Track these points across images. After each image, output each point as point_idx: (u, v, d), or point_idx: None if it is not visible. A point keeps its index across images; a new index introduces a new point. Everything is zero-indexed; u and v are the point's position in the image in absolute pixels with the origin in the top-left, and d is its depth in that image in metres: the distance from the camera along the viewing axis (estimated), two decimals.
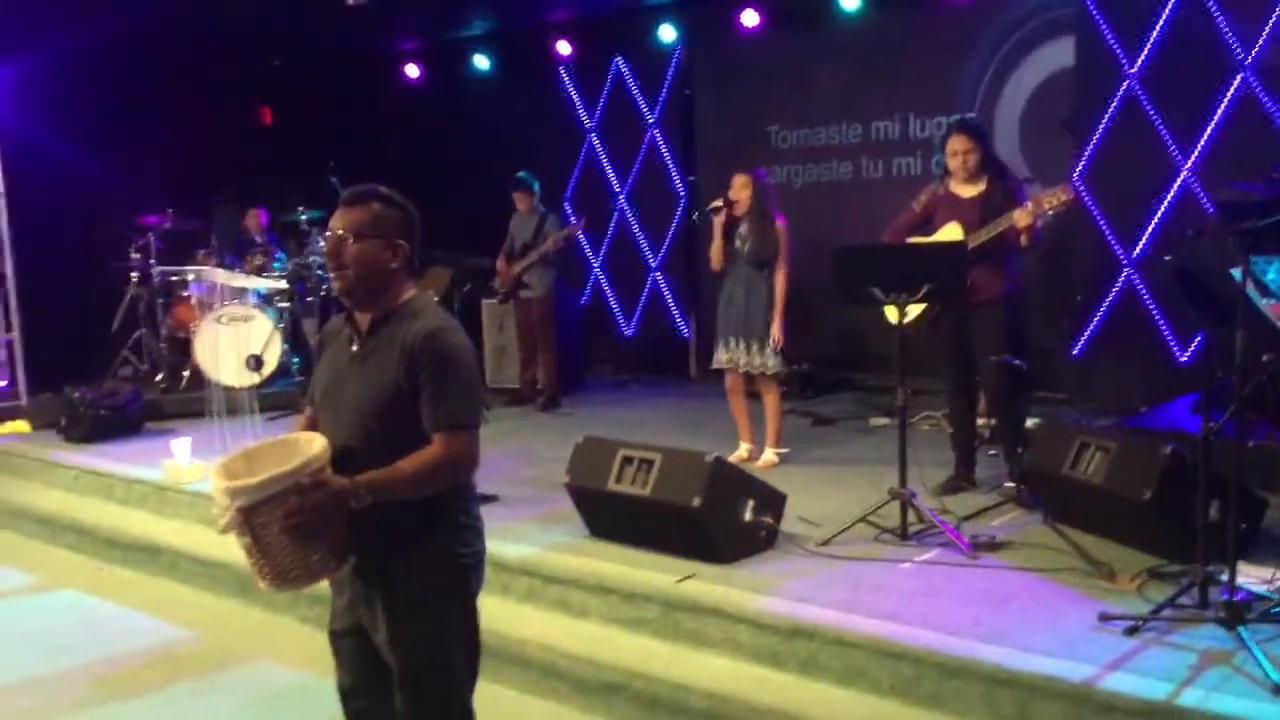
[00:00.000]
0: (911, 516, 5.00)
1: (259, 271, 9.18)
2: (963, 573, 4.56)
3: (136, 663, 5.00)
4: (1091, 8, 7.54)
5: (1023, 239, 5.34)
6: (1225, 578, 3.86)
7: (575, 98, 10.45)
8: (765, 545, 4.91)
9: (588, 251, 10.47)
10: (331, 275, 2.82)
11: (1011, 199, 5.44)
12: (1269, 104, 6.93)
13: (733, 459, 5.99)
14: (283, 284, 9.06)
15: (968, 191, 5.58)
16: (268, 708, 4.52)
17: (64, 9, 8.14)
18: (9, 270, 9.09)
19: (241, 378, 8.10)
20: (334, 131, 10.78)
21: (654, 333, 10.27)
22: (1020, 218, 5.27)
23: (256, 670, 4.90)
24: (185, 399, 8.71)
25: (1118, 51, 7.49)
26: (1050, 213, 5.25)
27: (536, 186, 8.72)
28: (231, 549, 4.87)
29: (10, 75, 9.17)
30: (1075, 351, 7.82)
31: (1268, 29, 6.90)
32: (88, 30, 8.61)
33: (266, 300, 8.99)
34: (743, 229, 6.39)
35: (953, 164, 5.58)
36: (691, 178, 9.84)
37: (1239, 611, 3.77)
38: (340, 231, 2.78)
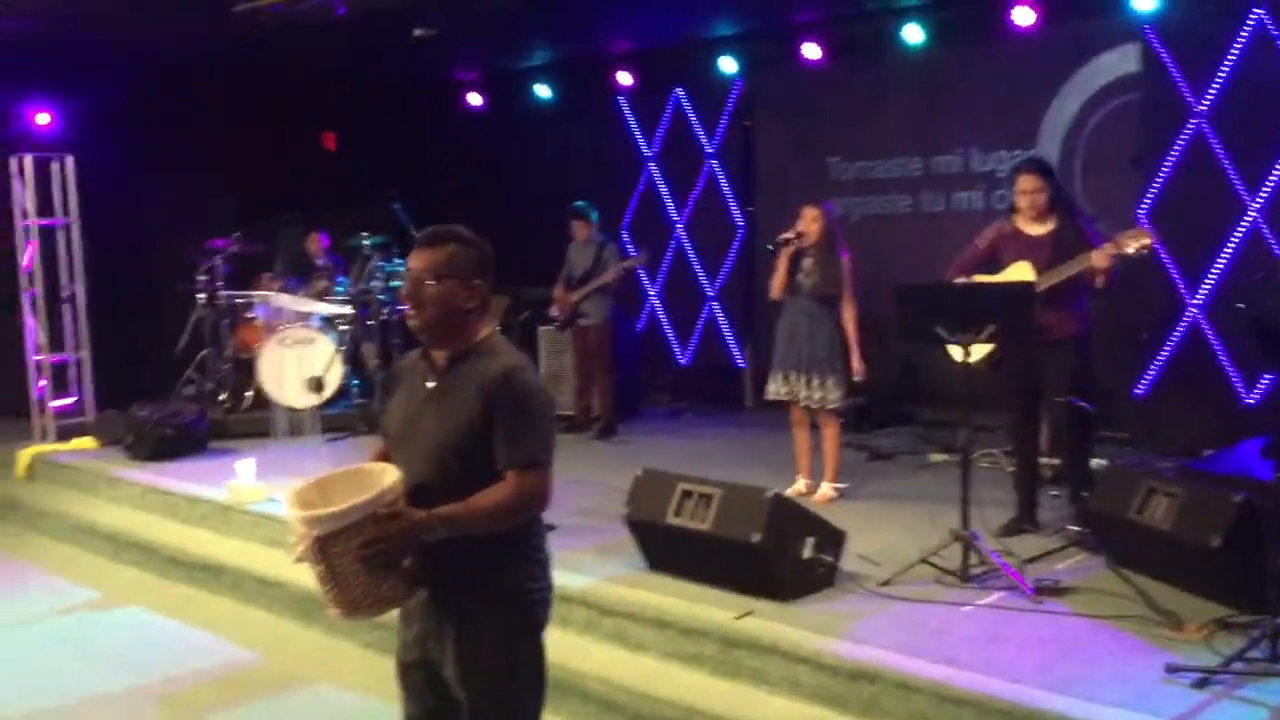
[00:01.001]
0: (973, 558, 4.95)
1: (322, 295, 9.32)
2: (1026, 618, 4.51)
3: (200, 682, 5.09)
4: (1157, 45, 7.48)
5: (1099, 280, 5.28)
6: None
7: (635, 127, 10.53)
8: (824, 583, 4.89)
9: (644, 280, 10.52)
10: (410, 314, 2.87)
11: (1085, 239, 5.38)
12: None
13: (789, 493, 5.97)
14: (345, 308, 9.19)
15: (1036, 230, 5.54)
16: None
17: (136, 38, 8.35)
18: (80, 290, 9.30)
19: (303, 399, 8.22)
20: (396, 158, 10.93)
21: (709, 362, 10.28)
22: (1099, 259, 5.21)
23: (318, 694, 4.96)
24: (248, 419, 8.87)
25: (1184, 89, 7.42)
26: (1133, 254, 5.19)
27: (595, 216, 8.78)
28: (293, 570, 4.96)
29: (85, 103, 9.42)
30: (1139, 392, 7.72)
31: None
32: (158, 58, 8.83)
33: (328, 323, 9.12)
34: (807, 262, 6.39)
35: (1021, 202, 5.55)
36: (749, 208, 9.86)
37: None
38: (419, 272, 2.83)
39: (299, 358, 8.39)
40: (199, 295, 9.61)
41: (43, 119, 9.53)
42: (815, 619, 4.53)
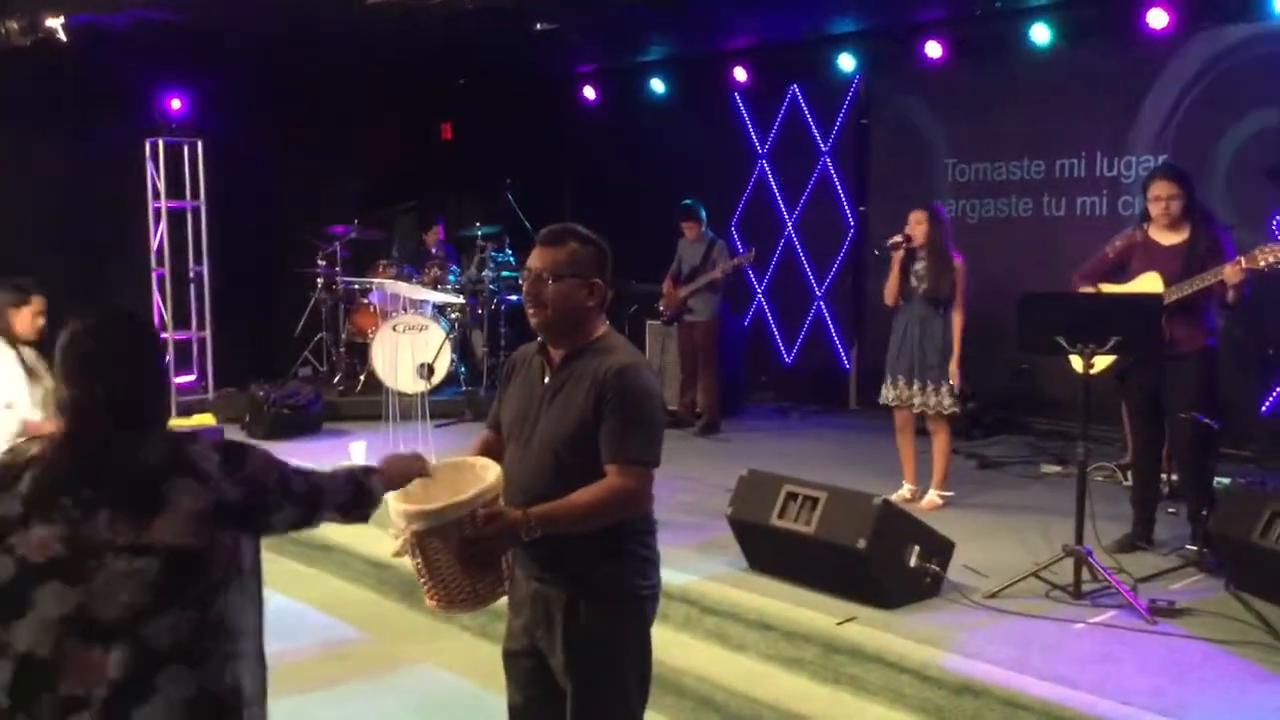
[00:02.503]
0: (1085, 575, 4.82)
1: (435, 283, 9.50)
2: (1140, 638, 4.38)
3: (312, 655, 5.22)
4: None
5: (1230, 295, 5.09)
6: None
7: (749, 124, 10.48)
8: (930, 593, 4.82)
9: (752, 278, 10.48)
10: (530, 313, 2.90)
11: (1219, 250, 5.19)
12: None
13: (894, 498, 5.89)
14: (457, 297, 9.36)
15: (1169, 239, 5.35)
16: (434, 712, 4.66)
17: (267, 28, 8.59)
18: (205, 271, 9.63)
19: (414, 384, 8.39)
20: (511, 150, 11.07)
21: (814, 362, 10.19)
22: (1231, 274, 5.02)
23: (421, 674, 5.06)
24: (360, 401, 9.10)
25: None
26: (1266, 269, 4.98)
27: (703, 214, 8.78)
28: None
29: (214, 86, 9.72)
30: (1265, 409, 7.42)
31: None
32: (286, 47, 9.07)
33: (439, 311, 9.29)
34: (919, 266, 6.29)
35: (1154, 209, 5.36)
36: (862, 208, 9.75)
37: None
38: (539, 271, 2.86)
39: (411, 344, 8.58)
40: (318, 279, 9.88)
41: (176, 104, 9.87)
42: (919, 629, 4.47)
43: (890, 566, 4.71)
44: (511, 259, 9.87)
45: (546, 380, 2.91)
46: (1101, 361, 5.00)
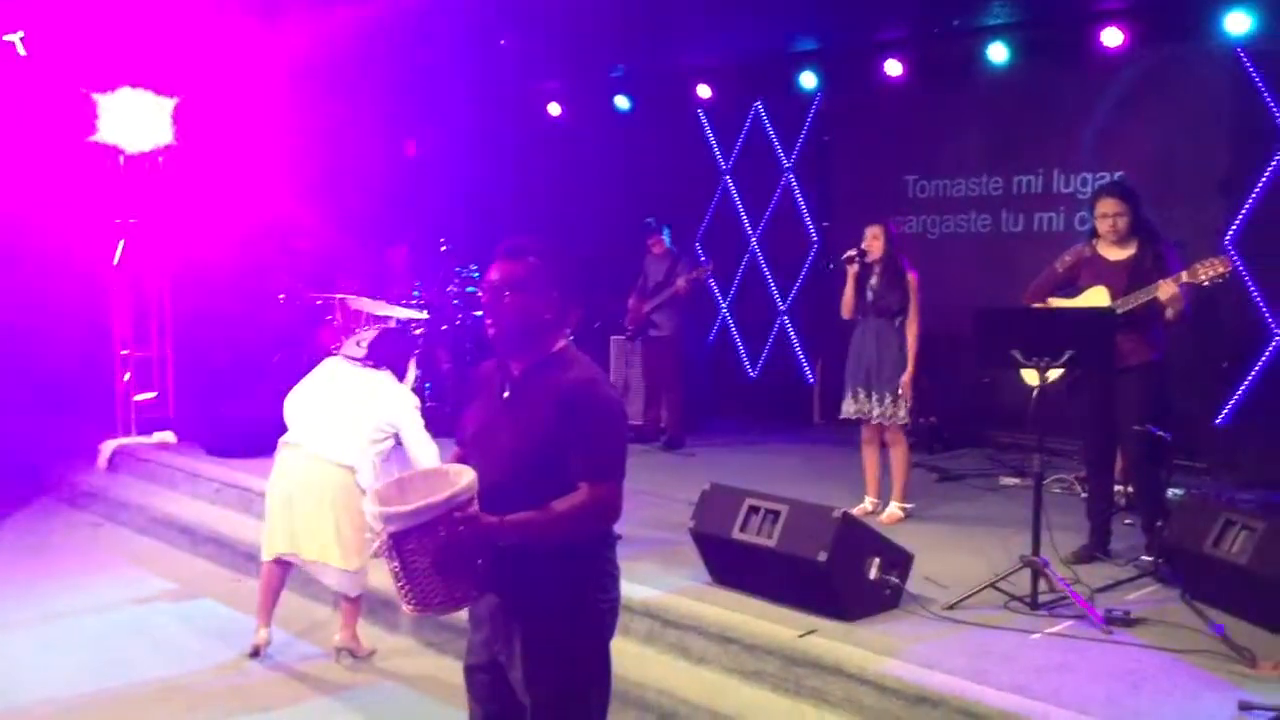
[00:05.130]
0: (1042, 585, 4.88)
1: (399, 299, 9.46)
2: (1095, 648, 4.43)
3: (268, 676, 5.19)
4: (1248, 64, 7.32)
5: (1168, 312, 5.19)
6: None
7: (713, 140, 10.55)
8: (890, 604, 4.86)
9: (716, 293, 10.53)
10: (488, 325, 2.92)
11: (1163, 266, 5.29)
12: None
13: (856, 511, 5.94)
14: (422, 313, 9.33)
15: (1116, 255, 5.46)
16: None
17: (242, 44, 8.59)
18: (167, 288, 9.56)
19: None
20: (476, 165, 11.07)
21: (778, 377, 10.24)
22: (1165, 290, 5.13)
23: (382, 691, 5.04)
24: None
25: (1276, 113, 7.25)
26: (1207, 284, 5.09)
27: (667, 232, 8.84)
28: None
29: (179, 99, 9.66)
30: (1219, 421, 7.54)
31: None
32: (260, 65, 9.06)
33: (404, 327, 9.24)
34: (875, 280, 6.37)
35: (1101, 226, 5.47)
36: (825, 224, 9.83)
37: None
38: (497, 284, 2.88)
39: None
40: (280, 295, 9.82)
41: None
42: (879, 640, 4.50)
43: (851, 579, 4.75)
44: (476, 275, 9.86)
45: (506, 395, 2.92)
46: (1054, 373, 5.07)
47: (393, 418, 5.17)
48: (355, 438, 5.11)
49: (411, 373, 8.42)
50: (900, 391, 6.27)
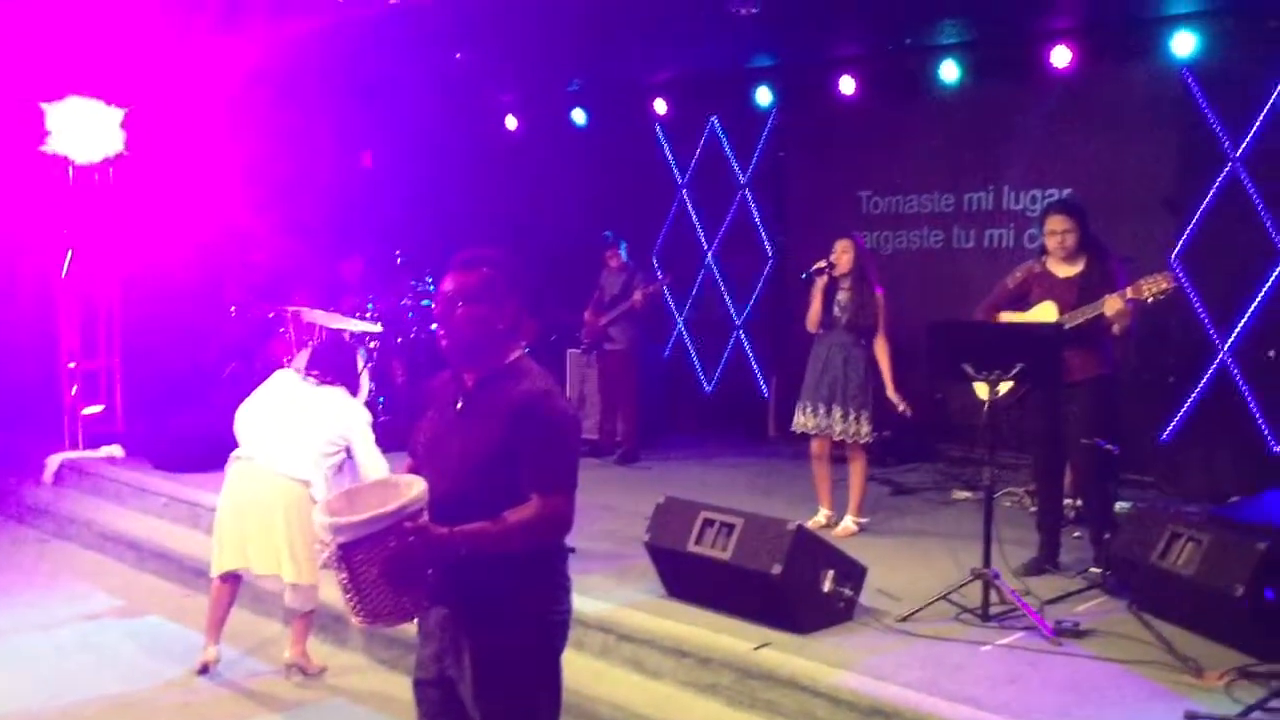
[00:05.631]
0: (993, 597, 4.93)
1: (353, 312, 9.40)
2: (1045, 659, 4.49)
3: (217, 693, 5.12)
4: (1195, 88, 7.47)
5: (1114, 327, 5.28)
6: None
7: (669, 154, 10.59)
8: (843, 617, 4.89)
9: (672, 307, 10.55)
10: (441, 335, 2.91)
11: (1111, 282, 5.38)
12: None
13: (810, 524, 5.97)
14: (376, 326, 9.27)
15: (1065, 271, 5.54)
16: None
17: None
18: (115, 298, 9.43)
19: None
20: (432, 178, 11.03)
21: (734, 391, 10.27)
22: (1109, 304, 5.21)
23: (332, 709, 4.98)
24: None
25: (1221, 133, 7.40)
26: (1151, 300, 5.18)
27: (623, 246, 8.86)
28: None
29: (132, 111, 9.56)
30: (1165, 436, 7.67)
31: None
32: (213, 75, 8.98)
33: (357, 340, 9.18)
34: (842, 295, 6.41)
35: (1050, 243, 5.56)
36: (780, 239, 9.89)
37: None
38: (451, 295, 2.87)
39: None
40: (231, 307, 9.72)
41: None
42: (833, 653, 4.53)
43: (805, 591, 4.77)
44: (431, 287, 9.81)
45: (459, 405, 2.91)
46: (1004, 386, 5.13)
47: (345, 431, 5.13)
48: (308, 451, 5.06)
49: (365, 386, 8.39)
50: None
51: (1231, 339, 7.43)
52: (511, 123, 11.39)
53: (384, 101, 10.84)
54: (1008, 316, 5.65)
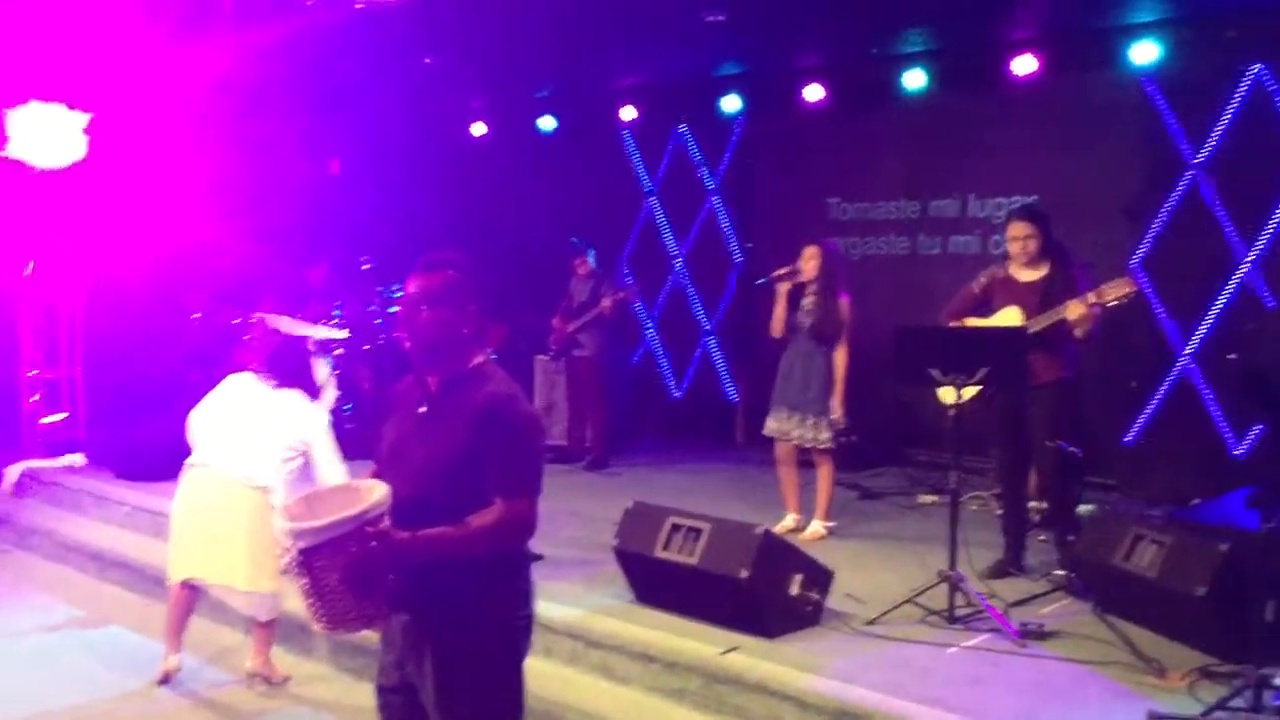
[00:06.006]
0: (959, 600, 4.96)
1: (319, 318, 9.34)
2: (1011, 661, 4.52)
3: (178, 704, 5.06)
4: (1156, 96, 7.56)
5: (1077, 331, 5.33)
6: None
7: (638, 161, 10.61)
8: (811, 621, 4.90)
9: (642, 313, 10.56)
10: (404, 339, 2.89)
11: (1072, 287, 5.43)
12: None
13: (778, 529, 5.98)
14: (342, 332, 9.21)
15: (1028, 276, 5.60)
16: None
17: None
18: (77, 306, 9.33)
19: None
20: (400, 184, 10.98)
21: (703, 396, 10.29)
22: (1072, 309, 5.26)
23: (296, 718, 4.93)
24: None
25: (1182, 141, 7.50)
26: (1113, 304, 5.23)
27: (591, 253, 8.87)
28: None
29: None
30: (1128, 439, 7.75)
31: None
32: (180, 80, 8.91)
33: (323, 347, 9.12)
34: (807, 301, 6.43)
35: (1013, 249, 5.62)
36: (749, 245, 9.92)
37: None
38: (414, 297, 2.86)
39: None
40: (195, 314, 9.63)
41: None
42: (800, 656, 4.53)
43: (772, 596, 4.77)
44: (398, 294, 9.76)
45: (422, 410, 2.90)
46: (970, 390, 5.16)
47: (304, 435, 5.06)
48: (267, 457, 5.00)
49: (330, 393, 8.32)
50: (832, 414, 6.32)
51: (1193, 344, 7.52)
52: (479, 129, 11.37)
53: (352, 108, 10.78)
54: (972, 322, 5.70)
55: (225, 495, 4.96)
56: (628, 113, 10.24)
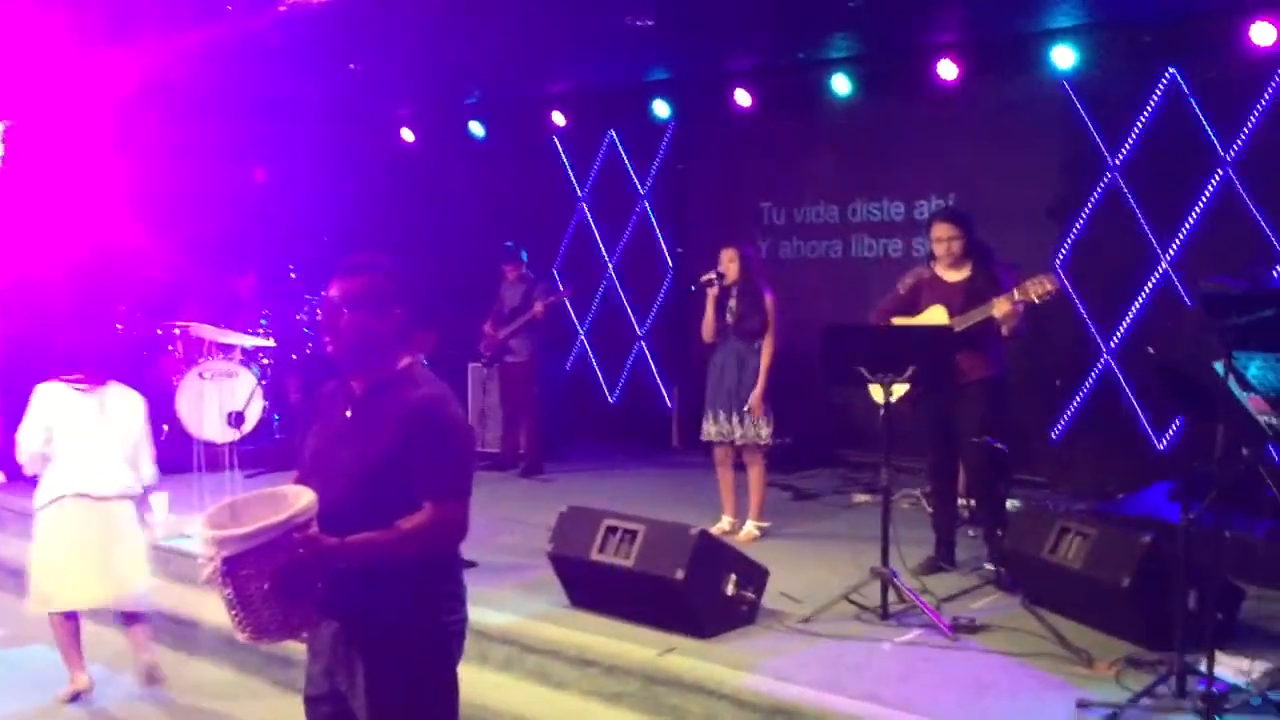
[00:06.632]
0: (892, 596, 5.01)
1: (247, 328, 9.18)
2: (943, 654, 4.57)
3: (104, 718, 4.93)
4: (1076, 99, 7.73)
5: (1003, 329, 5.42)
6: (1203, 668, 3.87)
7: (568, 167, 10.59)
8: (746, 620, 4.91)
9: (574, 319, 10.54)
10: (326, 342, 2.84)
11: (995, 285, 5.53)
12: (1248, 200, 7.09)
13: (714, 530, 5.99)
14: (269, 341, 9.07)
15: (952, 276, 5.69)
16: None
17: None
18: None
19: (223, 434, 8.06)
20: (327, 192, 10.84)
21: (637, 401, 10.29)
22: (999, 306, 5.35)
23: None
24: (164, 452, 8.65)
25: (1100, 143, 7.67)
26: (1038, 301, 5.32)
27: (524, 256, 8.83)
28: (205, 608, 4.84)
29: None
30: (1054, 436, 7.90)
31: (1248, 127, 7.09)
32: (99, 88, 8.72)
33: (250, 357, 8.98)
34: (733, 302, 6.47)
35: (937, 250, 5.70)
36: (680, 250, 9.95)
37: (1216, 702, 3.79)
38: (336, 301, 2.81)
39: (219, 391, 8.24)
40: (117, 324, 9.41)
41: None
42: (736, 655, 4.54)
43: (708, 596, 4.78)
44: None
45: (348, 414, 2.85)
46: (898, 390, 5.22)
47: (144, 423, 5.09)
48: (123, 462, 4.98)
49: (258, 404, 8.20)
50: (750, 409, 6.36)
51: (1114, 341, 7.69)
52: (408, 135, 11.28)
53: (277, 115, 10.63)
54: (900, 321, 5.77)
55: (105, 517, 4.89)
56: (558, 118, 10.23)
